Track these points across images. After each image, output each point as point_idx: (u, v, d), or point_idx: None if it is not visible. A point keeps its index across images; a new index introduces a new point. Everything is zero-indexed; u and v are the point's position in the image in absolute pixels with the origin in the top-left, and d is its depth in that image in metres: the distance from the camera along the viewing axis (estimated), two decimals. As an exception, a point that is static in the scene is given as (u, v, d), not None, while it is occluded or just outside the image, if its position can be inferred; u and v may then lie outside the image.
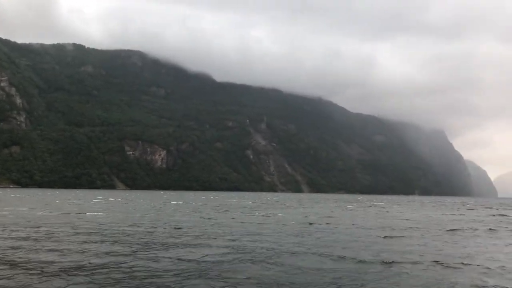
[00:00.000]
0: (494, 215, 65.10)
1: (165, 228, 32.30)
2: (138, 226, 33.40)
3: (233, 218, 44.02)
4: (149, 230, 30.82)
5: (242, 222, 39.19)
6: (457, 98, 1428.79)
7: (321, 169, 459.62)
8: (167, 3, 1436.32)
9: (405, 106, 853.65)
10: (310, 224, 39.32)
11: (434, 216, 58.13)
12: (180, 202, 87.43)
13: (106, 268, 17.00)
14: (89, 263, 17.91)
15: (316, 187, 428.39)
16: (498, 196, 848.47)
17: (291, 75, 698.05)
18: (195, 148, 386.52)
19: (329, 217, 50.49)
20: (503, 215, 65.47)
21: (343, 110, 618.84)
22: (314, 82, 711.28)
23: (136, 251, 21.00)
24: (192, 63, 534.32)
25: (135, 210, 55.30)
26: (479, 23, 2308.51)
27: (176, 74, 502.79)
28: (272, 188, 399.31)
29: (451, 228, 38.15)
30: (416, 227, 38.43)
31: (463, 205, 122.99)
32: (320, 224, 39.20)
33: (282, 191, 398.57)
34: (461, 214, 64.26)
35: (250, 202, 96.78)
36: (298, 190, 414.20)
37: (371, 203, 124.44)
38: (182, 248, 22.34)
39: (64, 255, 19.72)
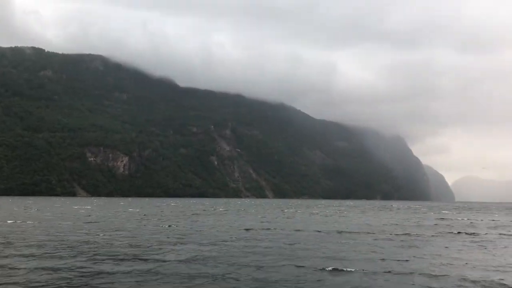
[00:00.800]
0: (445, 218, 67.59)
1: (117, 237, 32.06)
2: (78, 236, 32.91)
3: (176, 226, 43.92)
4: (87, 239, 30.53)
5: (198, 231, 39.23)
6: (416, 105, 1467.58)
7: (285, 174, 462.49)
8: (128, 7, 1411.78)
9: (366, 113, 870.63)
10: (265, 230, 39.87)
11: (391, 220, 59.76)
12: (138, 210, 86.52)
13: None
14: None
15: (281, 193, 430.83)
16: (455, 200, 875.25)
17: (254, 81, 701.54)
18: (159, 154, 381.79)
19: (294, 223, 51.14)
20: (460, 219, 68.13)
21: (306, 116, 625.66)
22: (276, 88, 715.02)
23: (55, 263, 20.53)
24: (155, 68, 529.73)
25: (79, 219, 54.47)
26: (436, 33, 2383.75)
27: (139, 79, 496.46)
28: (237, 194, 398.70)
29: (405, 232, 39.46)
30: (371, 232, 39.55)
31: (420, 209, 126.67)
32: (275, 229, 39.79)
33: (247, 197, 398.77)
34: (417, 218, 66.32)
35: (212, 209, 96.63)
36: (263, 195, 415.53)
37: (333, 207, 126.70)
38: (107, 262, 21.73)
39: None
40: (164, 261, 21.63)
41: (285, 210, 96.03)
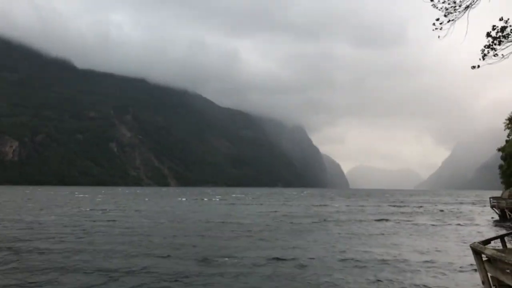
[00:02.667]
0: (325, 205, 70.88)
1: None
2: None
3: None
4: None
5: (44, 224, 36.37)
6: (315, 96, 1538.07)
7: (189, 162, 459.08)
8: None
9: (269, 102, 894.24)
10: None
11: (266, 208, 61.04)
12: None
13: None
14: None
15: (184, 181, 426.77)
16: (350, 187, 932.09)
17: (156, 65, 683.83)
18: (53, 139, 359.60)
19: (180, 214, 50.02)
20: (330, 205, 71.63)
21: (211, 103, 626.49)
22: (179, 73, 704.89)
23: None
24: (50, 47, 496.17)
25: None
26: (335, 27, 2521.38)
27: (32, 59, 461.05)
28: (137, 183, 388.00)
29: (295, 222, 39.70)
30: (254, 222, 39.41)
31: (310, 196, 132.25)
32: (149, 218, 38.38)
33: (148, 185, 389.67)
34: (294, 206, 68.66)
35: (98, 199, 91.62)
36: (165, 184, 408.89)
37: (233, 195, 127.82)
38: None
39: None
40: None
41: (171, 199, 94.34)
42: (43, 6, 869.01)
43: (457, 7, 13.17)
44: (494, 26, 14.12)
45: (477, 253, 7.32)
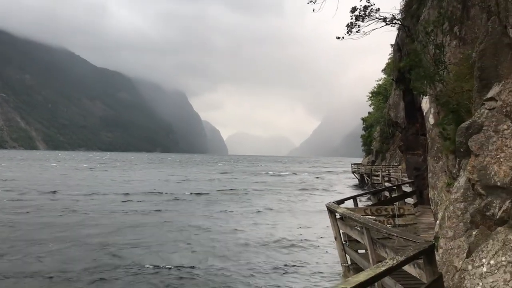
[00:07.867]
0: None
1: None
2: None
3: None
4: None
5: None
6: (192, 59, 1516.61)
7: (60, 125, 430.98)
8: None
9: (145, 63, 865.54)
10: None
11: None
12: None
13: None
14: None
15: (54, 144, 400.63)
16: (229, 153, 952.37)
17: (16, 15, 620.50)
18: None
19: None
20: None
21: (86, 63, 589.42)
22: (43, 25, 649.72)
23: None
24: None
25: None
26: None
27: None
28: (1, 145, 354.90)
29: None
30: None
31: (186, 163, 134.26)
32: None
33: (14, 148, 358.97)
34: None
35: None
36: (33, 147, 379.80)
37: (113, 162, 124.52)
38: None
39: None
40: None
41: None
42: None
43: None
44: (355, 7, 16.41)
45: (331, 212, 8.37)
